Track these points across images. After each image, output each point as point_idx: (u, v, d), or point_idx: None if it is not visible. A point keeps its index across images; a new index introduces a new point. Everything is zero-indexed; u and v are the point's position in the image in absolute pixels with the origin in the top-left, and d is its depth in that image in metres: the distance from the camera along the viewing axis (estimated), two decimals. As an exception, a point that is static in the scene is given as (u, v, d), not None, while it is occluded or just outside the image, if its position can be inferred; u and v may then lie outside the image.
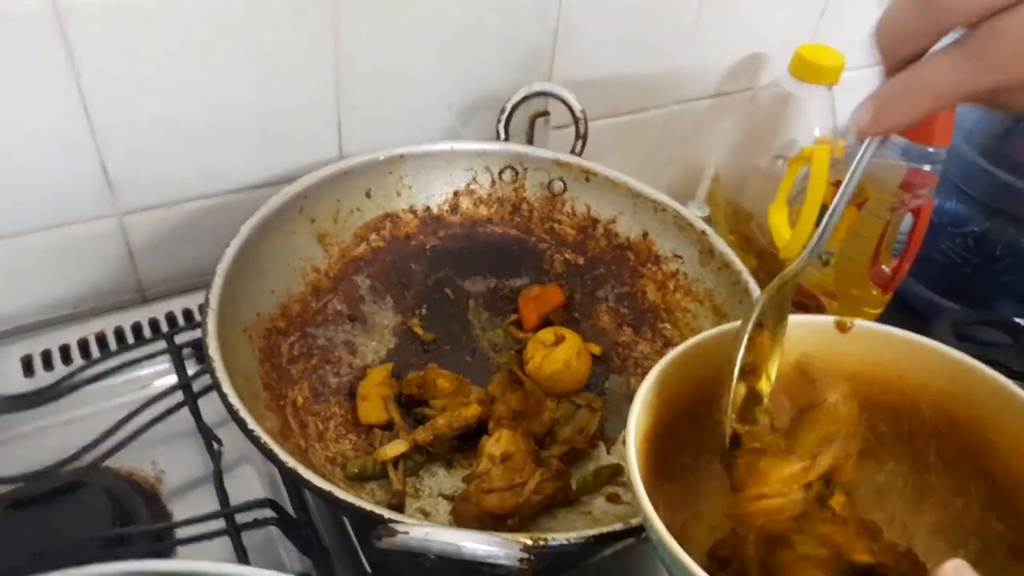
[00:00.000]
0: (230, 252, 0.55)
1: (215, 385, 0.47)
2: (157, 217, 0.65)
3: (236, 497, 0.53)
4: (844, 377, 0.43)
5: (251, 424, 0.45)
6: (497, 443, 0.54)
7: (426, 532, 0.37)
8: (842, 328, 0.43)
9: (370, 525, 0.40)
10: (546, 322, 0.68)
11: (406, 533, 0.37)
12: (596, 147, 0.71)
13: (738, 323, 0.41)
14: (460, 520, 0.52)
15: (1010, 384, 0.40)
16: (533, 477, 0.53)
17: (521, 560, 0.39)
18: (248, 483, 0.58)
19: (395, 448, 0.56)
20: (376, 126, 0.69)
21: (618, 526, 0.42)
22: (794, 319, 0.44)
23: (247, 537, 0.51)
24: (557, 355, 0.61)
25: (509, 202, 0.71)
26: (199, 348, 0.60)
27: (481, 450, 0.55)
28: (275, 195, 0.59)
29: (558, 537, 0.41)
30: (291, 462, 0.44)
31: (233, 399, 0.46)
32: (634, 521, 0.42)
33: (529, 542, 0.40)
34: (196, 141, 0.63)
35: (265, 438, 0.44)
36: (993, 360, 0.62)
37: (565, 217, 0.71)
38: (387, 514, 0.40)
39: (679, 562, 0.31)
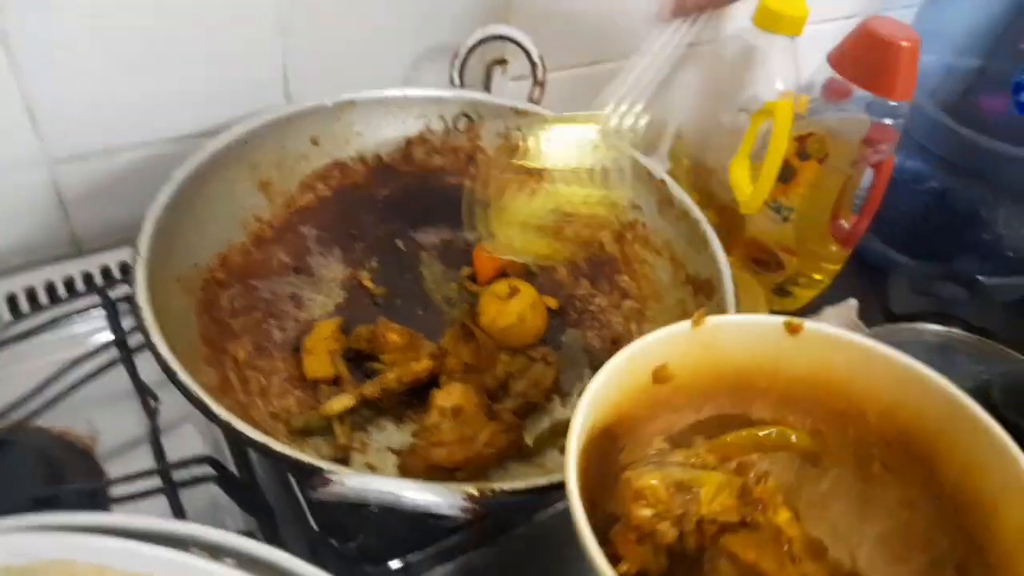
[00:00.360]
0: (162, 198, 0.51)
1: (143, 333, 0.44)
2: (91, 167, 0.62)
3: (177, 456, 0.51)
4: (791, 380, 0.42)
5: (181, 375, 0.43)
6: (448, 396, 0.52)
7: (363, 481, 0.36)
8: (792, 330, 0.41)
9: (308, 478, 0.38)
10: (502, 274, 0.66)
11: (341, 483, 0.35)
12: (555, 103, 0.68)
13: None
14: (407, 474, 0.50)
15: (962, 396, 0.38)
16: (484, 430, 0.51)
17: (464, 510, 0.37)
18: (190, 442, 0.55)
19: (340, 402, 0.54)
20: (324, 71, 0.66)
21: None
22: (742, 319, 0.42)
23: (188, 497, 0.49)
24: (511, 308, 0.60)
25: (464, 151, 0.68)
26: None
27: (431, 403, 0.53)
28: (213, 140, 0.56)
29: (504, 486, 0.39)
30: (224, 414, 0.42)
31: (162, 348, 0.44)
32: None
33: (475, 491, 0.39)
34: (131, 85, 0.59)
35: (196, 389, 0.42)
36: (951, 315, 0.62)
37: (521, 167, 0.68)
38: (324, 465, 0.38)
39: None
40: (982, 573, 0.35)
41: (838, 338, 0.41)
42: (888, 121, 0.68)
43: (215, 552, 0.25)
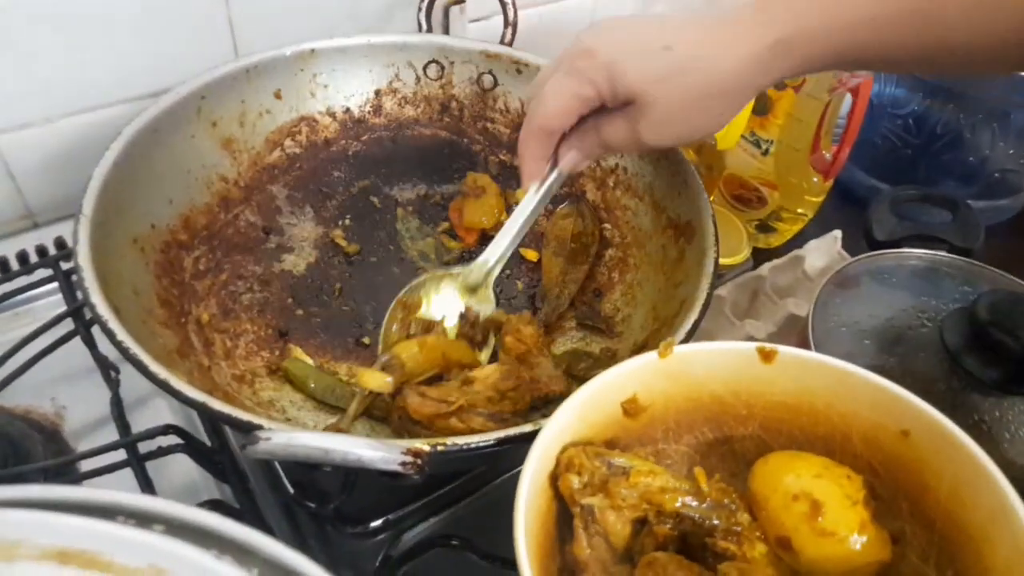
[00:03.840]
0: (109, 156, 0.50)
1: (83, 293, 0.43)
2: (36, 135, 0.60)
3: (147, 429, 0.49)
4: (771, 406, 0.39)
5: (120, 335, 0.41)
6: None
7: (289, 437, 0.33)
8: (765, 356, 0.39)
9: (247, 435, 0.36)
10: (483, 235, 0.63)
11: (268, 440, 0.33)
12: (523, 43, 0.65)
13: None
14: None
15: (946, 421, 0.35)
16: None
17: (405, 464, 0.35)
18: (159, 414, 0.54)
19: (377, 381, 0.47)
20: (272, 20, 0.63)
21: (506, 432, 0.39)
22: (712, 346, 0.40)
23: (160, 467, 0.48)
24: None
25: (437, 101, 0.65)
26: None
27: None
28: (166, 95, 0.54)
29: (452, 440, 0.37)
30: (163, 373, 0.40)
31: (103, 309, 0.42)
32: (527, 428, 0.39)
33: (424, 446, 0.36)
34: (67, 46, 0.57)
35: (131, 345, 0.40)
36: (934, 236, 0.59)
37: (498, 115, 0.65)
38: (255, 420, 0.36)
39: None
40: None
41: (813, 362, 0.39)
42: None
43: (144, 520, 0.23)
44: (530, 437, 0.39)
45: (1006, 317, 0.47)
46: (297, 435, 0.34)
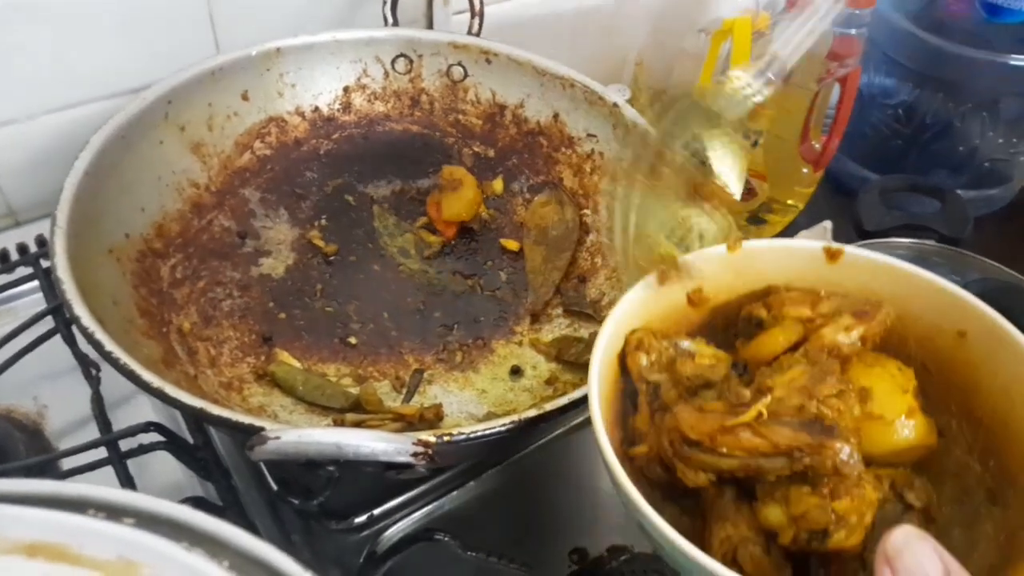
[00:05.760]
0: (80, 165, 0.48)
1: (66, 306, 0.41)
2: (17, 132, 0.58)
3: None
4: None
5: (108, 345, 0.40)
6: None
7: (299, 435, 0.33)
8: (831, 256, 0.40)
9: (248, 439, 0.35)
10: (462, 227, 0.63)
11: (277, 438, 0.33)
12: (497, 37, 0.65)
13: None
14: None
15: (1007, 325, 0.36)
16: None
17: (416, 455, 0.35)
18: (141, 411, 0.53)
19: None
20: (254, 19, 0.62)
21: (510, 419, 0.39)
22: (779, 243, 0.41)
23: (144, 465, 0.47)
24: None
25: (407, 95, 0.65)
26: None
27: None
28: (132, 101, 0.53)
29: (461, 430, 0.37)
30: (156, 381, 0.39)
31: (88, 321, 0.41)
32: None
33: (431, 438, 0.36)
34: (49, 42, 0.56)
35: (121, 355, 0.39)
36: (923, 226, 0.60)
37: (469, 106, 0.65)
38: (258, 423, 0.35)
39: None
40: (1014, 499, 0.34)
41: (879, 263, 0.40)
42: (852, 31, 0.65)
43: (115, 513, 0.23)
44: (537, 422, 0.40)
45: (995, 306, 0.48)
46: (308, 432, 0.33)
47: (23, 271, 0.56)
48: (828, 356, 0.35)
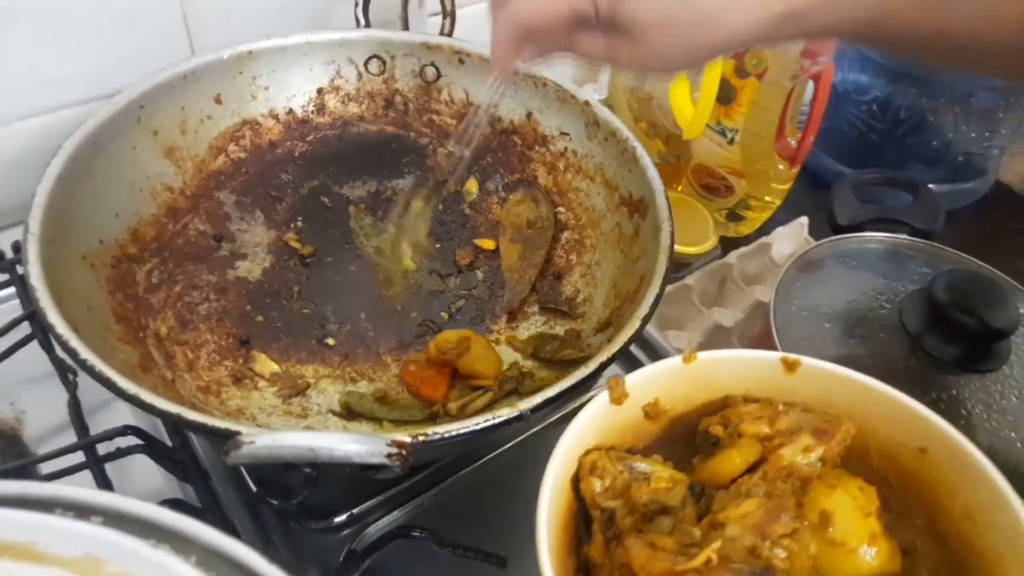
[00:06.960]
0: (52, 171, 0.48)
1: (40, 314, 0.41)
2: None
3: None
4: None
5: (83, 353, 0.40)
6: None
7: (273, 439, 0.33)
8: (788, 367, 0.40)
9: (224, 443, 0.36)
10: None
11: (252, 443, 0.33)
12: (469, 35, 0.65)
13: None
14: None
15: (966, 442, 0.36)
16: None
17: (391, 456, 0.35)
18: (119, 416, 0.52)
19: None
20: (228, 22, 0.62)
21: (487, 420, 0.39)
22: (735, 354, 0.41)
23: (123, 469, 0.47)
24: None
25: (381, 96, 0.65)
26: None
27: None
28: (103, 106, 0.53)
29: (436, 430, 0.38)
30: (131, 388, 0.39)
31: (62, 328, 0.41)
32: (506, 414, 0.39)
33: (406, 438, 0.37)
34: (22, 47, 0.56)
35: (95, 361, 0.39)
36: (896, 219, 0.61)
37: (443, 106, 0.65)
38: (234, 427, 0.36)
39: None
40: None
41: (837, 375, 0.39)
42: (825, 30, 0.66)
43: (83, 512, 0.23)
44: (512, 423, 0.40)
45: (962, 296, 0.48)
46: (282, 435, 0.34)
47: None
48: (788, 479, 0.35)
